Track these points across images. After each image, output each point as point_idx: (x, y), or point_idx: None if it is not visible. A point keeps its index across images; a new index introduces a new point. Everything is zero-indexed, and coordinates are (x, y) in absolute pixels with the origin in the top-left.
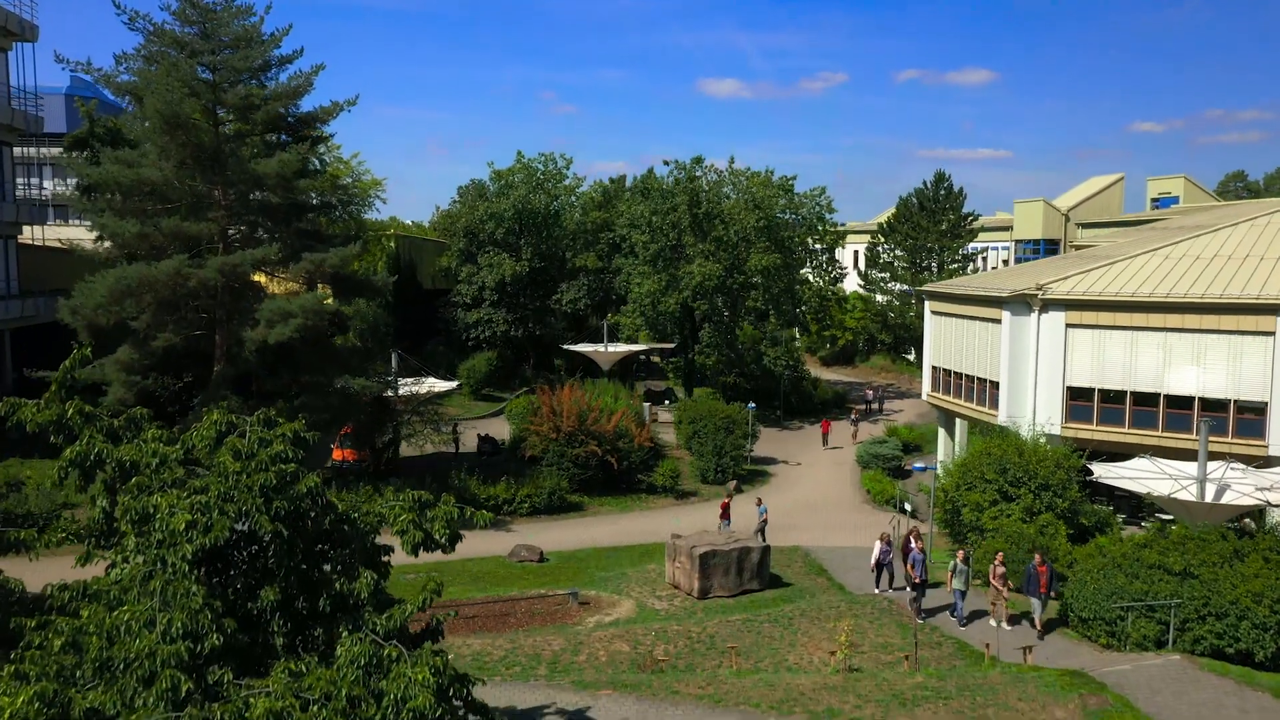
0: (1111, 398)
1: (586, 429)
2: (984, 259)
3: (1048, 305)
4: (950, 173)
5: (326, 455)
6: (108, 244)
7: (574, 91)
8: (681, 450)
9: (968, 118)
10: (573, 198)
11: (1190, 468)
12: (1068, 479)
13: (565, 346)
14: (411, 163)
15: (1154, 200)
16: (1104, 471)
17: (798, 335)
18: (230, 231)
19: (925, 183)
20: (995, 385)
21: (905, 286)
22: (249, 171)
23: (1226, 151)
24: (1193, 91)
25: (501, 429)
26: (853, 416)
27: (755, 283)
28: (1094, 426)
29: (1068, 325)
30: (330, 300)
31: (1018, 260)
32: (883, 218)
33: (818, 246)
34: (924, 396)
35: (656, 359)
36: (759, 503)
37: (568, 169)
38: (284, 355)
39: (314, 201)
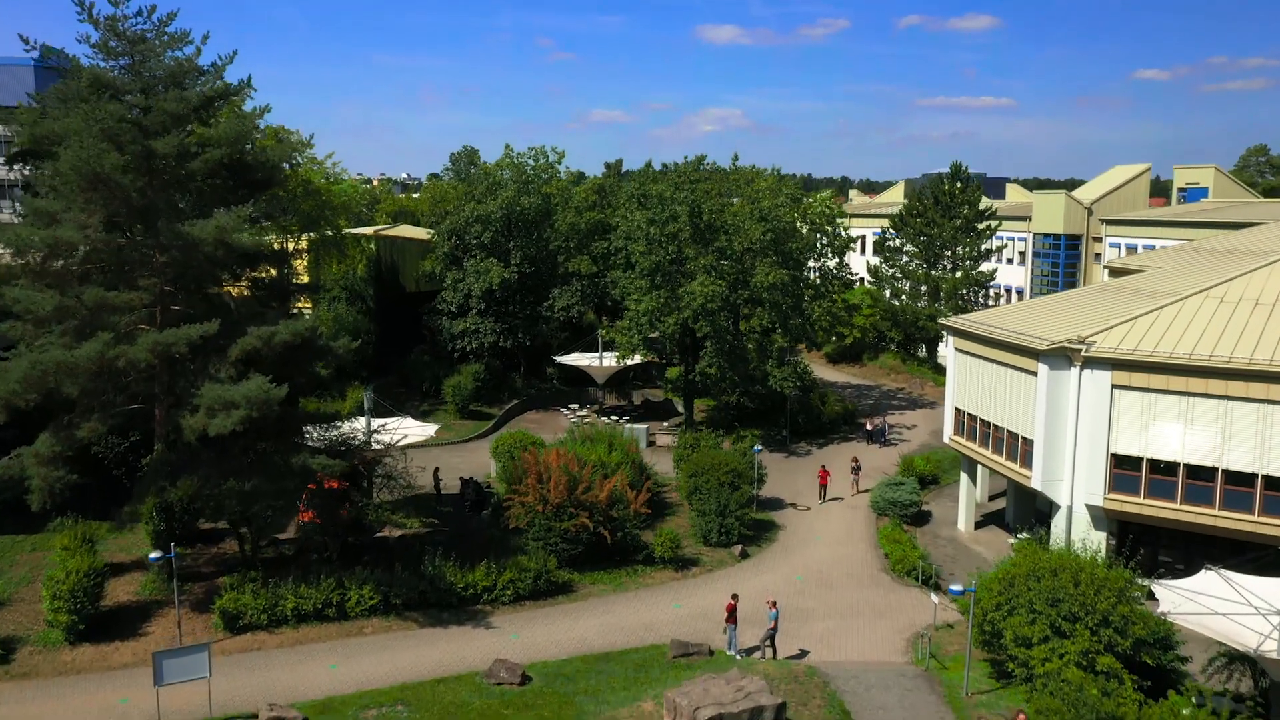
0: (1162, 469)
1: (577, 499)
2: (1001, 252)
3: (1091, 362)
4: (957, 127)
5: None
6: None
7: (572, 38)
8: (680, 492)
9: (970, 65)
10: (566, 197)
11: (1273, 589)
12: (1131, 614)
13: (558, 359)
14: (406, 111)
15: (1181, 190)
16: (1172, 607)
17: (804, 351)
18: (169, 295)
19: (941, 175)
20: (1029, 443)
21: (918, 284)
22: (182, 235)
23: (1230, 99)
24: (1197, 38)
25: (486, 459)
26: (853, 465)
27: (761, 299)
28: (1141, 500)
29: (1114, 386)
30: (280, 389)
31: (1035, 254)
32: (889, 195)
33: (827, 251)
34: (946, 439)
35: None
36: (771, 605)
37: (559, 163)
38: (235, 432)
39: (267, 252)
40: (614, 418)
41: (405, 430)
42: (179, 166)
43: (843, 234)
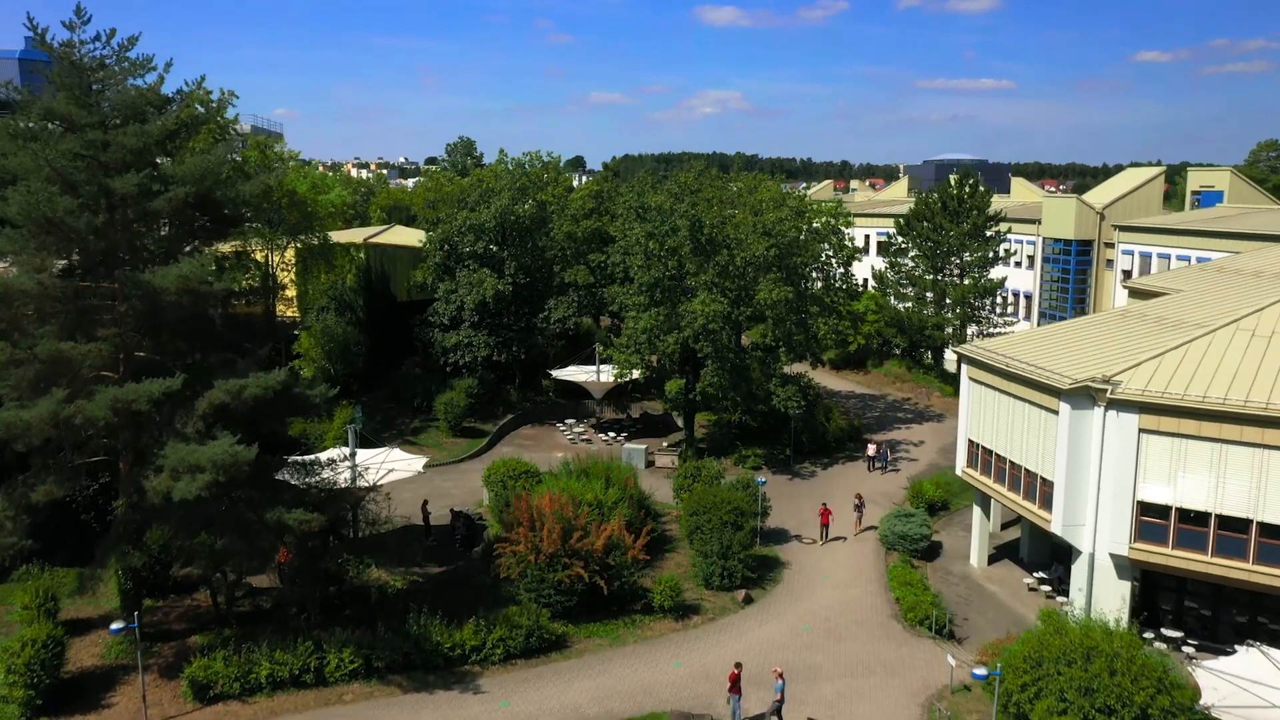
0: (1193, 519)
1: (571, 547)
2: (1009, 255)
3: (1117, 404)
4: (957, 109)
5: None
6: None
7: (571, 20)
8: (680, 526)
9: (970, 47)
10: (562, 205)
11: None
12: (1171, 706)
13: (555, 374)
14: (404, 93)
15: (1194, 194)
16: (1218, 699)
17: (809, 368)
18: (132, 344)
19: (950, 180)
20: (1049, 484)
21: (925, 291)
22: (142, 284)
23: (1231, 81)
24: (1198, 20)
25: (479, 482)
26: (855, 501)
27: (765, 316)
28: (1169, 550)
29: (1141, 430)
30: (249, 450)
31: (1045, 260)
32: (893, 191)
33: (833, 262)
34: (959, 471)
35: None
36: (778, 677)
37: (556, 167)
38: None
39: (240, 291)
40: (611, 434)
41: (392, 463)
42: (141, 205)
43: (849, 244)
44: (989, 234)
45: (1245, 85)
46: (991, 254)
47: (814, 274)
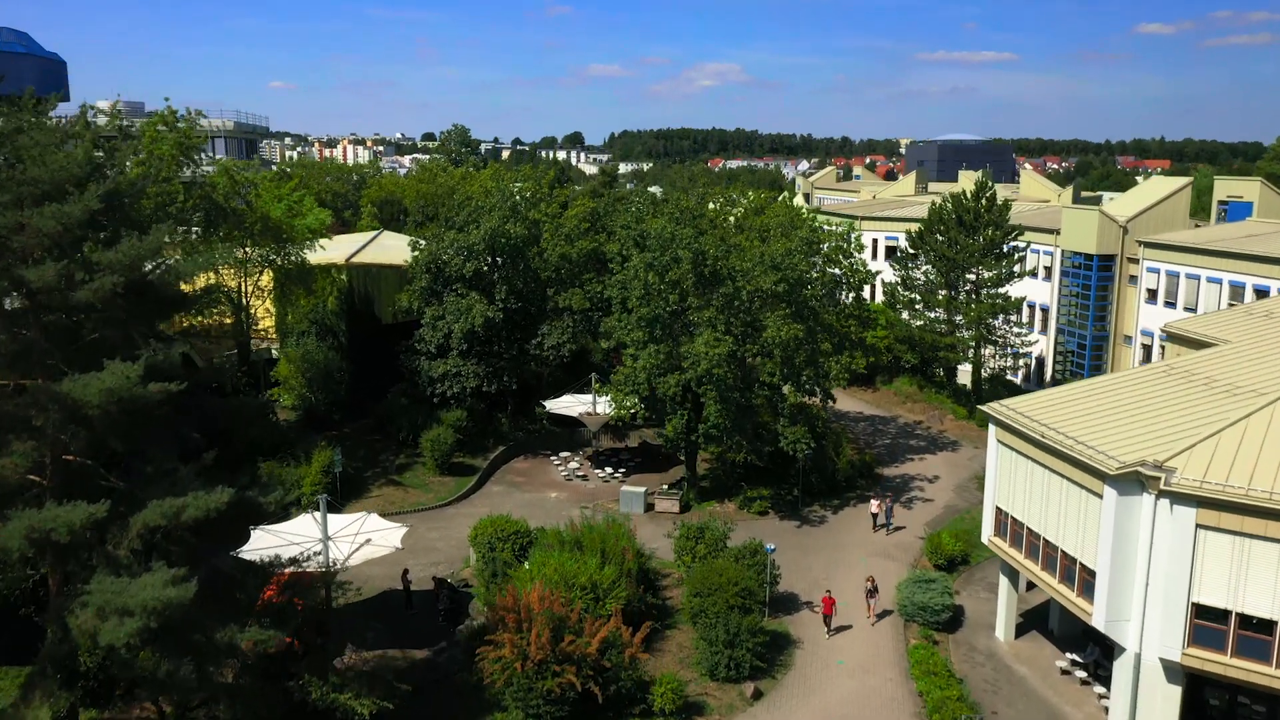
0: (1255, 625)
1: (563, 651)
2: (1028, 271)
3: (1171, 495)
4: (957, 81)
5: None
6: None
7: None
8: (683, 611)
9: (971, 19)
10: (557, 225)
11: None
12: None
13: (549, 406)
14: (401, 66)
15: (1221, 204)
16: None
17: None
18: (56, 458)
19: (964, 193)
20: (1089, 572)
21: (938, 311)
22: (60, 398)
23: (1234, 54)
24: None
25: (466, 531)
26: (868, 586)
27: (772, 353)
28: (1228, 659)
29: (1199, 526)
30: (186, 588)
31: (1063, 273)
32: (900, 188)
33: (844, 286)
34: (985, 539)
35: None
36: None
37: (550, 182)
38: None
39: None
40: (609, 470)
41: (369, 532)
42: (64, 297)
43: (860, 268)
44: (1006, 248)
45: (1248, 58)
46: (1010, 271)
47: (825, 300)
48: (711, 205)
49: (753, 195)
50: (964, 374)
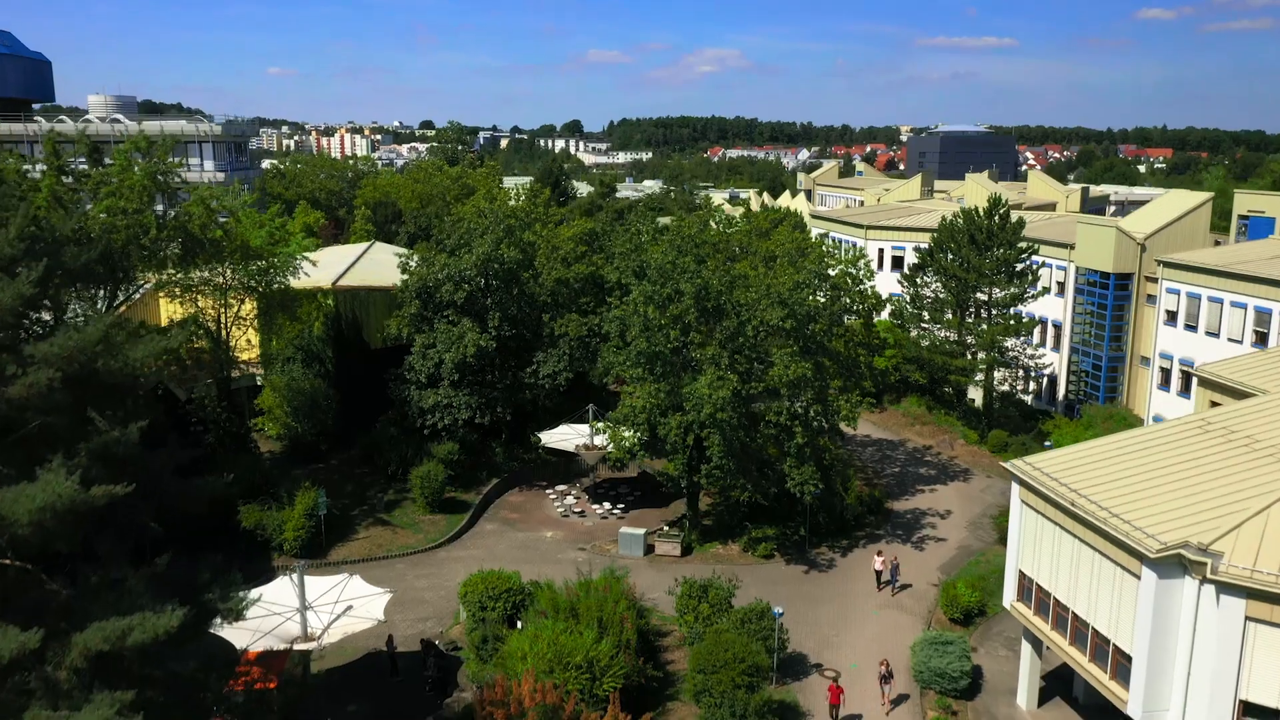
0: None
1: None
2: (1043, 289)
3: (1218, 584)
4: (957, 67)
5: None
6: None
7: None
8: (686, 689)
9: (972, 4)
10: (552, 249)
11: None
12: None
13: (544, 439)
14: (400, 52)
15: (1242, 219)
16: None
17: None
18: None
19: (976, 209)
20: (1124, 655)
21: (949, 333)
22: None
23: (1235, 39)
24: None
25: (457, 577)
26: (881, 672)
27: (779, 393)
28: None
29: (1249, 619)
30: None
31: (1077, 290)
32: (904, 191)
33: (852, 313)
34: (1007, 604)
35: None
36: None
37: (545, 202)
38: None
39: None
40: (606, 505)
41: (350, 599)
42: None
43: (870, 294)
44: (1020, 268)
45: (1249, 43)
46: (1023, 291)
47: (831, 330)
48: (713, 224)
49: (758, 212)
50: (974, 389)
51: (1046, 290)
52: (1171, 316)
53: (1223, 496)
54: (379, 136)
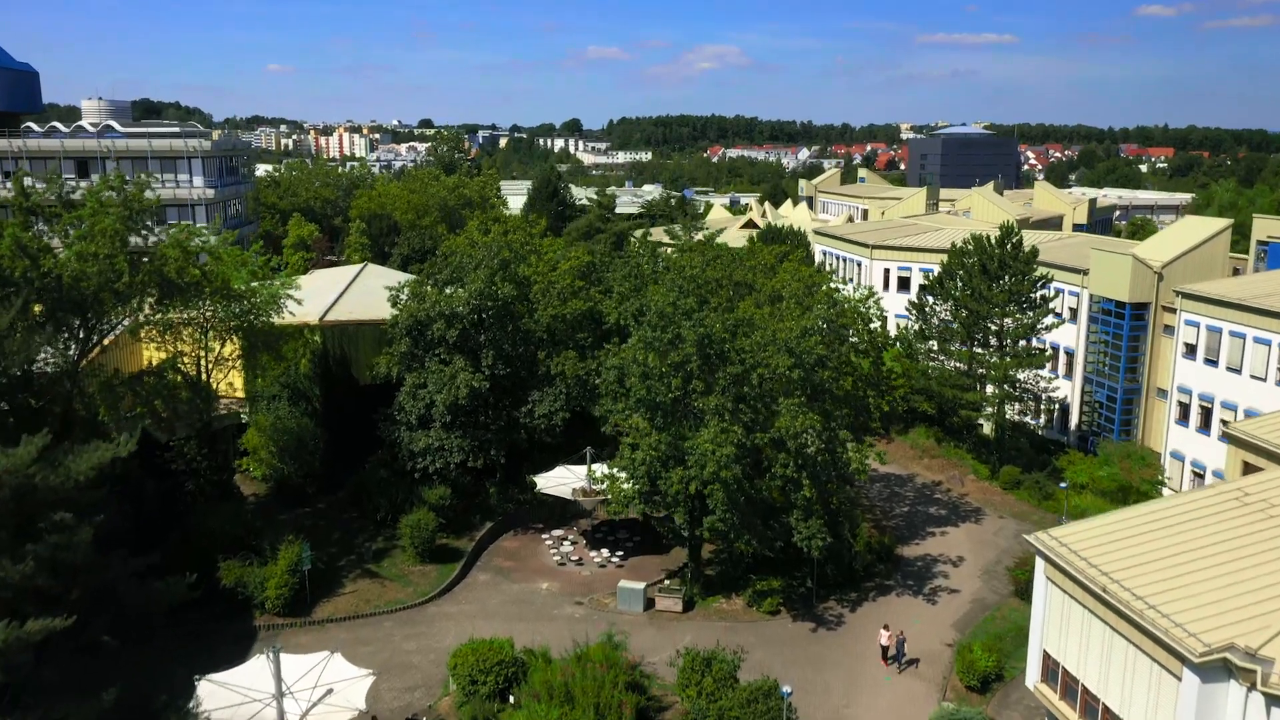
0: None
1: None
2: (1057, 318)
3: (1269, 696)
4: (957, 64)
5: None
6: None
7: None
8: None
9: (971, 0)
10: (548, 285)
11: None
12: None
13: (539, 483)
14: (399, 49)
15: (1261, 244)
16: None
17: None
18: None
19: (987, 237)
20: None
21: (959, 363)
22: None
23: (1235, 36)
24: None
25: (446, 643)
26: None
27: (786, 445)
28: None
29: None
30: None
31: (1091, 319)
32: (909, 206)
33: (862, 348)
34: (1029, 684)
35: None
36: None
37: (540, 233)
38: None
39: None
40: (605, 553)
41: (330, 682)
42: None
43: (879, 331)
44: (1034, 296)
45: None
46: (1036, 322)
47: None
48: (711, 264)
49: (762, 246)
50: (983, 417)
51: (1060, 320)
52: (1190, 349)
53: (1268, 587)
54: (377, 136)
